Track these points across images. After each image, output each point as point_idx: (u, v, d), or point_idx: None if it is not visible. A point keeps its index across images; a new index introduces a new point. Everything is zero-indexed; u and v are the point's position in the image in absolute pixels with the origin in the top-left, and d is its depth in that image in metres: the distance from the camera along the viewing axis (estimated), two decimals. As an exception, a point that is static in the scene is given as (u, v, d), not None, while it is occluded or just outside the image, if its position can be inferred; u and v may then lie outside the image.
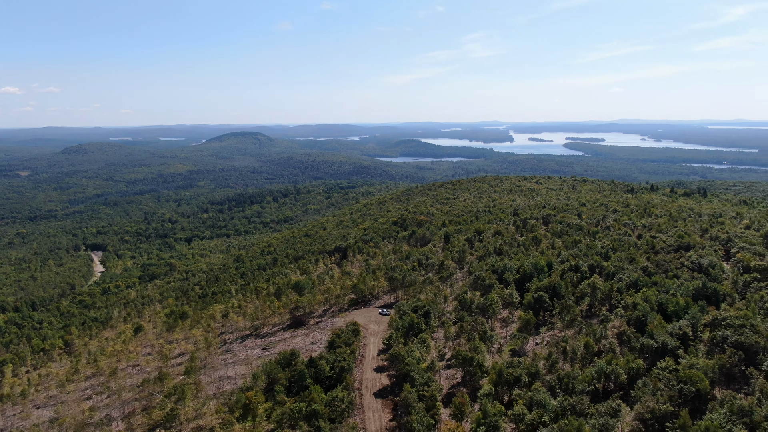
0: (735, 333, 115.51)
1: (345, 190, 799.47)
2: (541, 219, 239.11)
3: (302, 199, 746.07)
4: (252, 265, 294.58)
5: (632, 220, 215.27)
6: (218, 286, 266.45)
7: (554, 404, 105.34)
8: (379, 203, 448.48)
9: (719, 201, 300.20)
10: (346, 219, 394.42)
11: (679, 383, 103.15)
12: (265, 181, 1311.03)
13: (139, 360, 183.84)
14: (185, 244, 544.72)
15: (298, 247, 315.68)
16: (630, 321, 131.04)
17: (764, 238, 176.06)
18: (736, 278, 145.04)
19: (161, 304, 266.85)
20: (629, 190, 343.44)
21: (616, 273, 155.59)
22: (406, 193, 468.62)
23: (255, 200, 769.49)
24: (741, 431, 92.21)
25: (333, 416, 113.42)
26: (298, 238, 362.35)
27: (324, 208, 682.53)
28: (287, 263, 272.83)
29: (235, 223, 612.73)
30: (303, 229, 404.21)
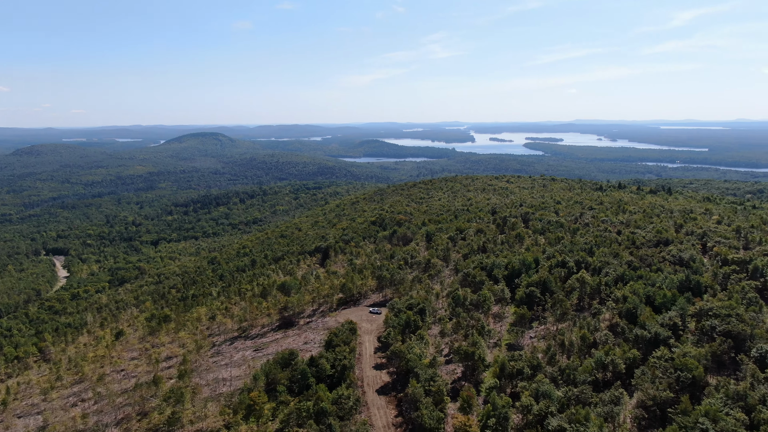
0: (722, 322, 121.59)
1: (312, 191, 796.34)
2: (520, 217, 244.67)
3: (269, 200, 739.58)
4: (230, 267, 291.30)
5: (609, 217, 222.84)
6: (197, 288, 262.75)
7: (559, 395, 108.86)
8: (352, 203, 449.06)
9: (684, 198, 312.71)
10: (321, 219, 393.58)
11: (676, 371, 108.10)
12: (228, 182, 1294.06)
13: (126, 365, 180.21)
14: (152, 247, 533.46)
15: (276, 248, 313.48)
16: (621, 313, 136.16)
17: (736, 232, 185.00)
18: (716, 271, 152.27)
19: (138, 309, 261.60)
20: (598, 188, 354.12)
21: (602, 268, 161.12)
22: (379, 193, 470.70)
23: (221, 202, 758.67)
24: (738, 414, 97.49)
25: (341, 414, 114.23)
26: (273, 239, 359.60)
27: (292, 209, 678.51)
28: (267, 264, 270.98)
29: (202, 225, 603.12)
30: (277, 230, 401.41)
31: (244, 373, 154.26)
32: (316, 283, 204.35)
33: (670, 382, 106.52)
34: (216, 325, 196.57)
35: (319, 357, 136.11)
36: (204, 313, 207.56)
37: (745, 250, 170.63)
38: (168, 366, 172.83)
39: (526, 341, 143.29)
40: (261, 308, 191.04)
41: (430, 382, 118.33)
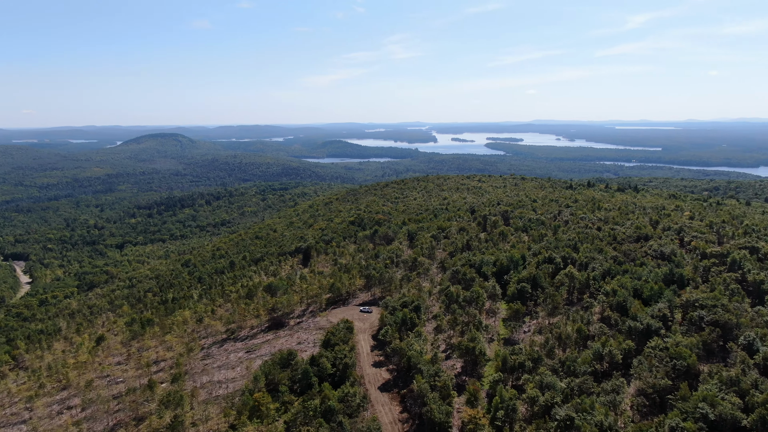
0: (710, 313, 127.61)
1: (279, 192, 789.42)
2: (500, 215, 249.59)
3: (236, 202, 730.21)
4: (207, 269, 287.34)
5: (586, 214, 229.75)
6: (175, 291, 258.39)
7: (562, 386, 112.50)
8: (326, 204, 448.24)
9: (651, 195, 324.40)
10: (296, 220, 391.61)
11: (672, 359, 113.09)
12: (190, 183, 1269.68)
13: (111, 370, 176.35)
14: (117, 250, 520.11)
15: (253, 249, 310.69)
16: (612, 306, 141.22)
17: (709, 227, 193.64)
18: (696, 264, 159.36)
19: (114, 313, 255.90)
20: (568, 186, 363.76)
21: (588, 263, 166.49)
22: (353, 193, 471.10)
23: (186, 203, 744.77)
24: (732, 398, 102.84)
25: (348, 412, 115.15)
26: (248, 240, 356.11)
27: (260, 210, 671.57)
28: (247, 266, 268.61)
29: (169, 228, 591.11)
30: (250, 232, 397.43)
31: (239, 374, 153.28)
32: (303, 283, 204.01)
33: (667, 371, 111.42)
34: (203, 327, 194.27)
35: (320, 356, 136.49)
36: (189, 316, 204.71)
37: (719, 244, 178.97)
38: (157, 370, 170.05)
39: (520, 335, 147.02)
40: (249, 310, 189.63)
41: (434, 378, 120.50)
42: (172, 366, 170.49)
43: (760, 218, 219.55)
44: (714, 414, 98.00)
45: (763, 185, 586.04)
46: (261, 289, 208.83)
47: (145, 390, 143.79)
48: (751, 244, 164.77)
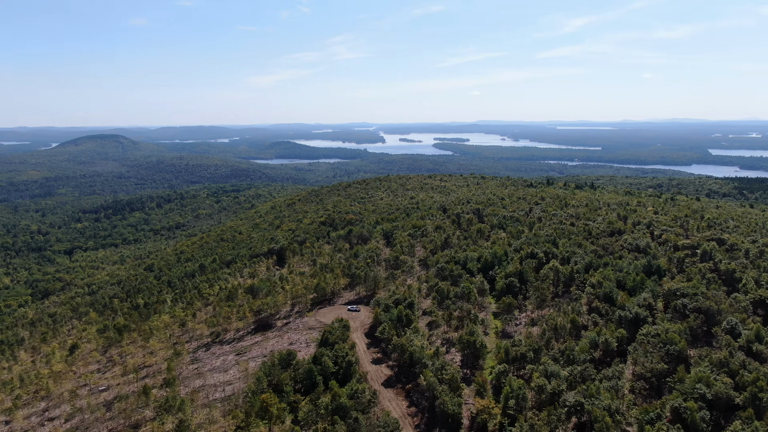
0: (692, 300, 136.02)
1: (232, 194, 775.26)
2: (473, 213, 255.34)
3: (189, 204, 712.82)
4: (176, 273, 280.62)
5: (557, 211, 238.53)
6: (145, 297, 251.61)
7: (565, 374, 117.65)
8: (288, 205, 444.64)
9: (609, 193, 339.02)
10: (261, 222, 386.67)
11: (665, 345, 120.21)
12: (135, 186, 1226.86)
13: (91, 378, 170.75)
14: (66, 256, 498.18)
15: (221, 251, 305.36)
16: (599, 297, 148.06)
17: (674, 221, 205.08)
18: (670, 256, 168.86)
19: (81, 321, 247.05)
20: (529, 185, 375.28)
21: (570, 257, 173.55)
22: (315, 194, 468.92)
23: (135, 207, 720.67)
24: (724, 379, 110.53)
25: (359, 408, 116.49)
26: (213, 243, 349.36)
27: (215, 212, 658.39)
28: (218, 268, 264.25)
29: (120, 232, 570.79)
30: (213, 234, 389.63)
31: (233, 377, 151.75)
32: (286, 284, 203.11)
33: (661, 355, 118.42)
34: (186, 331, 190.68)
35: (321, 355, 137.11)
36: (168, 320, 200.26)
37: (686, 237, 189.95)
38: (143, 376, 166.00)
39: (512, 328, 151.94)
40: (234, 312, 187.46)
41: (441, 371, 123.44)
42: (157, 371, 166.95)
43: (718, 212, 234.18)
44: (711, 393, 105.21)
45: (702, 182, 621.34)
46: (242, 290, 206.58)
47: (140, 396, 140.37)
48: (717, 236, 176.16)
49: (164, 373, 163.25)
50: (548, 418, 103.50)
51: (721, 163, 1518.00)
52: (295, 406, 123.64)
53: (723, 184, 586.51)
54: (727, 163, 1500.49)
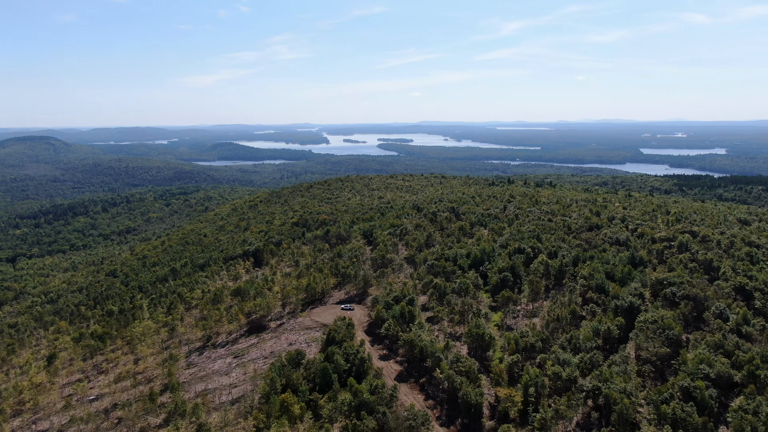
0: (680, 289, 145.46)
1: (181, 197, 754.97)
2: (448, 211, 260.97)
3: (137, 208, 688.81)
4: (146, 278, 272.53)
5: (531, 208, 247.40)
6: (115, 303, 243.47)
7: (575, 361, 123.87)
8: (250, 206, 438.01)
9: (568, 190, 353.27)
10: (225, 224, 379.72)
11: (664, 330, 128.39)
12: (72, 190, 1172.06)
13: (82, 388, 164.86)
14: (9, 264, 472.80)
15: (190, 255, 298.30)
16: (591, 288, 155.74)
17: (644, 215, 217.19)
18: (650, 248, 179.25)
19: (48, 330, 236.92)
20: (491, 183, 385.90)
21: (557, 251, 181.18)
22: (277, 195, 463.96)
23: (78, 211, 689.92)
24: (722, 359, 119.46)
25: (381, 403, 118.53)
26: (177, 246, 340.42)
27: (167, 216, 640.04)
28: (192, 272, 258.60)
29: (67, 238, 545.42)
30: (175, 238, 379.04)
31: (237, 380, 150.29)
32: (275, 285, 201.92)
33: (662, 340, 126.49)
34: (174, 336, 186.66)
35: (332, 353, 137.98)
36: (151, 325, 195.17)
37: (660, 231, 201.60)
38: (136, 383, 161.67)
39: (510, 320, 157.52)
40: (225, 315, 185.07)
41: (457, 364, 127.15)
42: (152, 377, 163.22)
43: (680, 207, 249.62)
44: (713, 373, 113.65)
45: (643, 180, 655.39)
46: (229, 293, 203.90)
47: (146, 402, 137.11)
48: (688, 228, 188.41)
49: (161, 379, 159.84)
50: (568, 403, 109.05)
51: (652, 161, 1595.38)
52: (313, 404, 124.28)
53: (663, 181, 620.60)
54: (658, 161, 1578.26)
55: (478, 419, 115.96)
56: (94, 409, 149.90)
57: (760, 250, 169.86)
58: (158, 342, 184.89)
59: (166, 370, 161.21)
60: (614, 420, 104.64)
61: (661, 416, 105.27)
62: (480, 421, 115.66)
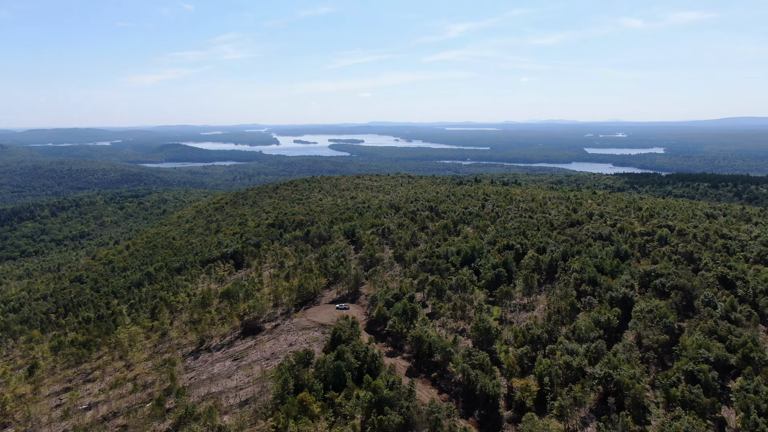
0: (668, 279, 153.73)
1: (134, 200, 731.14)
2: (427, 211, 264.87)
3: (88, 212, 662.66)
4: (120, 284, 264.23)
5: (510, 206, 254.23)
6: (89, 310, 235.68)
7: (582, 350, 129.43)
8: (216, 209, 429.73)
9: (534, 189, 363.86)
10: (194, 227, 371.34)
11: (661, 319, 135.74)
12: (12, 195, 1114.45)
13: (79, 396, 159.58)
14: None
15: (160, 259, 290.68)
16: (584, 281, 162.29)
17: (619, 211, 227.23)
18: (632, 242, 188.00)
19: (16, 340, 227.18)
20: (458, 182, 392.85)
21: (545, 247, 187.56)
22: (242, 197, 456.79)
23: (24, 216, 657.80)
24: (717, 344, 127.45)
25: (401, 398, 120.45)
26: (144, 251, 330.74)
27: (121, 219, 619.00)
28: (169, 276, 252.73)
29: (16, 244, 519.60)
30: (140, 242, 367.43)
31: (242, 382, 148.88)
32: (266, 287, 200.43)
33: (660, 328, 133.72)
34: (166, 341, 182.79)
35: (342, 351, 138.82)
36: (138, 331, 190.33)
37: (639, 225, 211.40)
38: (133, 389, 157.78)
39: (507, 314, 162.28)
40: (217, 317, 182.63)
41: (469, 358, 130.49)
42: (149, 383, 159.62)
43: (651, 203, 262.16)
44: (712, 357, 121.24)
45: (597, 178, 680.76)
46: (217, 296, 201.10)
47: (154, 408, 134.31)
48: (664, 223, 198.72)
49: (159, 384, 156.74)
50: (582, 390, 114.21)
51: (597, 160, 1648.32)
52: (330, 403, 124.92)
53: (616, 179, 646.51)
54: (602, 160, 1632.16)
55: (494, 410, 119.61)
56: (91, 418, 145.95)
57: (734, 241, 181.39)
58: (149, 347, 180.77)
59: (165, 375, 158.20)
60: (628, 404, 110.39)
61: (671, 399, 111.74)
62: (497, 412, 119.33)
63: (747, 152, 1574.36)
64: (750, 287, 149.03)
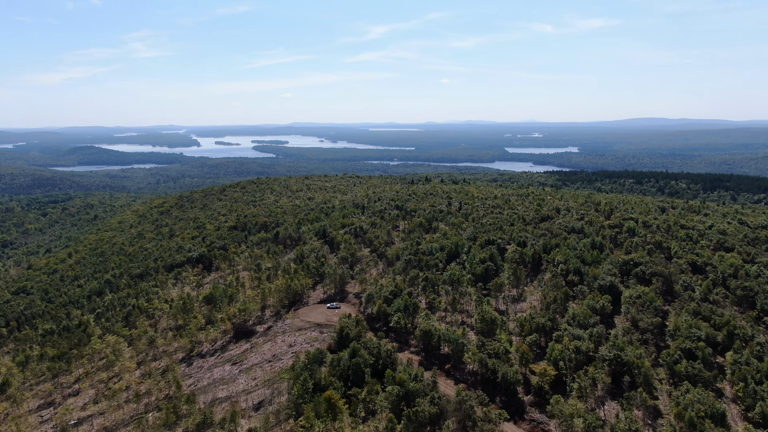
0: (647, 267, 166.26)
1: (55, 206, 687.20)
2: (395, 210, 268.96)
3: (7, 219, 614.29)
4: (75, 294, 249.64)
5: (478, 203, 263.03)
6: (46, 322, 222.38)
7: (586, 335, 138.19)
8: (161, 213, 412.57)
9: (485, 187, 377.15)
10: (144, 231, 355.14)
11: (651, 303, 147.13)
12: None
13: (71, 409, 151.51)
14: None
15: (113, 266, 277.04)
16: (570, 272, 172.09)
17: (581, 206, 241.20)
18: (603, 234, 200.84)
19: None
20: (409, 182, 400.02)
21: (525, 241, 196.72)
22: (188, 200, 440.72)
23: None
24: (701, 323, 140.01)
25: (427, 390, 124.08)
26: (93, 258, 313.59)
27: (46, 227, 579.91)
28: (133, 283, 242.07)
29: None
30: (83, 250, 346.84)
31: (250, 386, 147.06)
32: (252, 290, 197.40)
33: (652, 312, 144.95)
34: (152, 348, 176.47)
35: (357, 349, 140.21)
36: (116, 340, 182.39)
37: (606, 218, 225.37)
38: (126, 400, 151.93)
39: (501, 306, 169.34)
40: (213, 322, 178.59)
41: (483, 347, 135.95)
42: (143, 393, 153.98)
43: (607, 198, 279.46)
44: (703, 335, 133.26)
45: (529, 176, 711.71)
46: (199, 300, 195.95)
47: (168, 415, 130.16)
48: (628, 216, 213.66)
49: (158, 392, 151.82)
50: (595, 371, 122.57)
51: (518, 159, 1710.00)
52: (353, 399, 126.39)
53: (547, 177, 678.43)
54: (523, 159, 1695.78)
55: (514, 396, 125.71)
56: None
57: (694, 231, 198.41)
58: (136, 356, 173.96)
59: (162, 383, 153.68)
60: (640, 381, 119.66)
61: (675, 374, 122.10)
62: (517, 398, 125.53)
63: (652, 150, 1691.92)
64: (719, 272, 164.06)
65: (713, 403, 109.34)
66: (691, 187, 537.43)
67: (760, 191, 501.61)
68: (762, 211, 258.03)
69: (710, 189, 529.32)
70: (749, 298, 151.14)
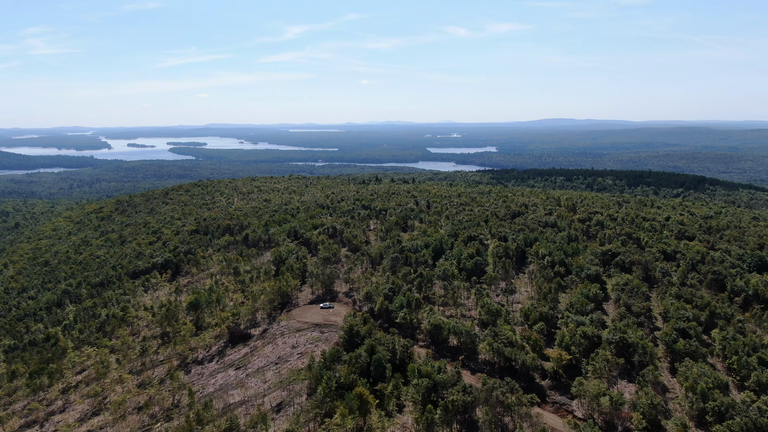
0: (626, 257, 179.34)
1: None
2: (362, 210, 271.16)
3: None
4: (33, 305, 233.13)
5: (445, 201, 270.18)
6: (2, 337, 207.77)
7: (588, 321, 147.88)
8: (102, 219, 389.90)
9: (438, 186, 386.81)
10: (89, 237, 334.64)
11: (639, 289, 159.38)
12: None
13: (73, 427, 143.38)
14: None
15: (65, 275, 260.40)
16: (556, 263, 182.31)
17: (545, 202, 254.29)
18: (576, 227, 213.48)
19: None
20: (361, 182, 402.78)
21: (506, 236, 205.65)
22: (128, 204, 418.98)
23: None
24: (685, 305, 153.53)
25: (453, 382, 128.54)
26: (36, 268, 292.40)
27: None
28: (96, 293, 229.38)
29: None
30: (21, 261, 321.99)
31: (263, 389, 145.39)
32: (239, 295, 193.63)
33: (641, 296, 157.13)
34: (144, 356, 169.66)
35: (373, 345, 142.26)
36: (97, 352, 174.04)
37: (575, 213, 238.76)
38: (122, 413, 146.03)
39: (495, 298, 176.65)
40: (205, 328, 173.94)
41: (497, 338, 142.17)
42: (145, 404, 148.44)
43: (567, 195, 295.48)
44: (691, 315, 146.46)
45: (465, 175, 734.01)
46: (183, 307, 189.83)
47: (191, 423, 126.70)
48: (593, 210, 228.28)
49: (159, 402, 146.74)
50: (604, 354, 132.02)
51: (441, 159, 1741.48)
52: (385, 394, 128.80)
53: (482, 176, 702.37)
54: (445, 159, 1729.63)
55: (532, 381, 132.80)
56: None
57: (655, 222, 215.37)
58: (124, 366, 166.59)
59: (166, 391, 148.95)
60: (647, 360, 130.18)
61: (675, 352, 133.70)
62: (535, 382, 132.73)
63: (565, 149, 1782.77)
64: (687, 258, 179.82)
65: (716, 375, 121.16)
66: (616, 183, 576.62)
67: (677, 186, 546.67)
68: (702, 203, 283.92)
69: (634, 185, 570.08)
70: (719, 281, 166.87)
